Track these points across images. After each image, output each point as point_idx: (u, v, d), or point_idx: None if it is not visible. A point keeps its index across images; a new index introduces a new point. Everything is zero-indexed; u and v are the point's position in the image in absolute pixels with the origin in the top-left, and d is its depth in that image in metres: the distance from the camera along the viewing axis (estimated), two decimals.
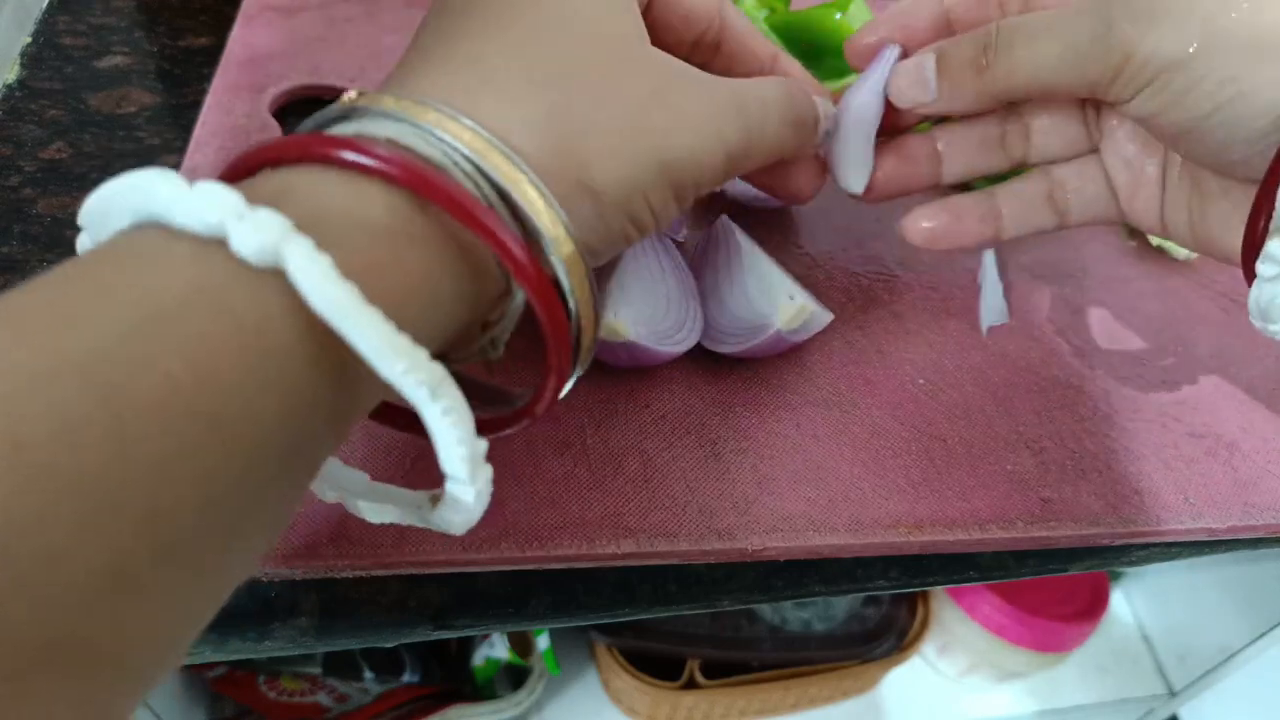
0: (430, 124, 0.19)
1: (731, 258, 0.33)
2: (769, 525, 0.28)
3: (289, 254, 0.16)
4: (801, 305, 0.31)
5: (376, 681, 0.68)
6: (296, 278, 0.16)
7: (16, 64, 0.39)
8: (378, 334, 0.16)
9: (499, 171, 0.19)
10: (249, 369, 0.15)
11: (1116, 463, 0.33)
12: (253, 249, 0.16)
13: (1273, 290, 0.25)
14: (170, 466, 0.14)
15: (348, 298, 0.16)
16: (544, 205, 0.20)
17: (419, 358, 0.17)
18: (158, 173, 0.16)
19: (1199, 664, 0.82)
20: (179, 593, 0.16)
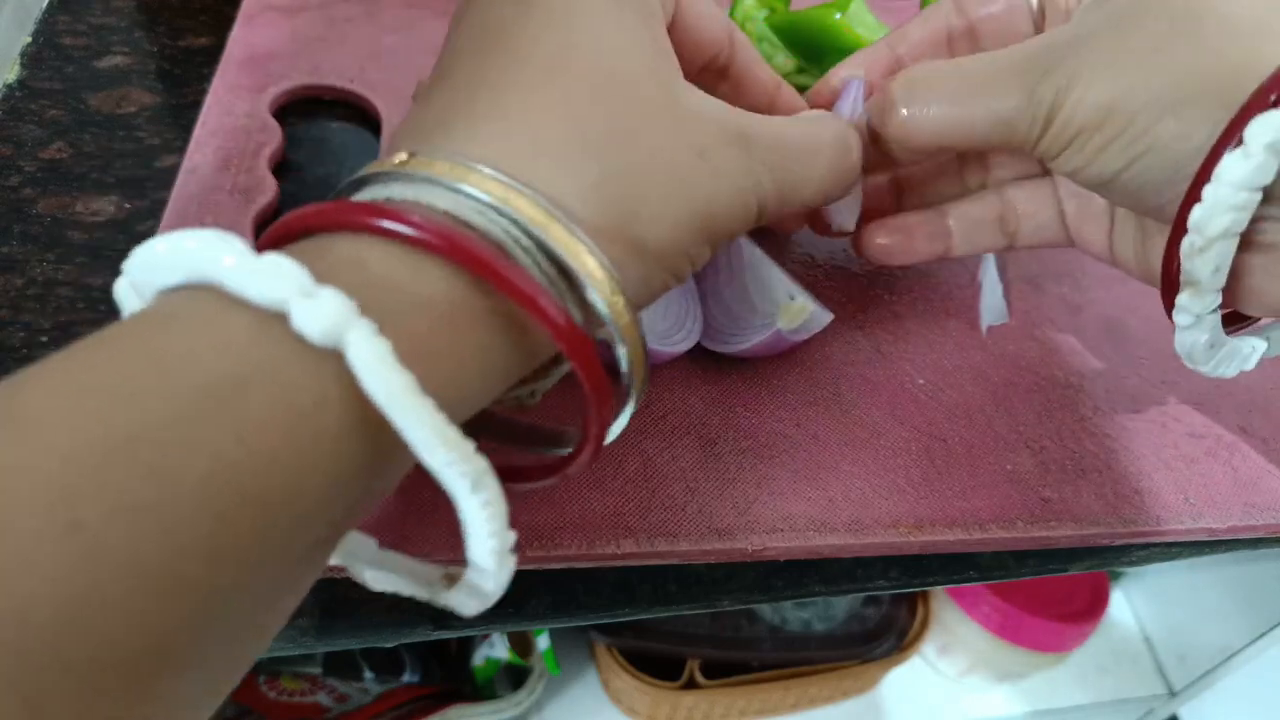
0: (489, 195, 0.19)
1: (731, 258, 0.33)
2: (769, 525, 0.28)
3: (351, 339, 0.16)
4: (802, 305, 0.31)
5: (376, 681, 0.68)
6: (355, 364, 0.16)
7: (16, 64, 0.39)
8: (429, 427, 0.16)
9: (558, 243, 0.19)
10: (299, 450, 0.16)
11: (1116, 463, 0.33)
12: (316, 331, 0.15)
13: (1192, 337, 0.26)
14: (216, 548, 0.14)
15: (404, 387, 0.16)
16: (604, 275, 0.20)
17: (466, 450, 0.17)
18: (220, 237, 0.16)
19: (1199, 664, 0.82)
20: (215, 663, 0.16)
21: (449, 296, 0.18)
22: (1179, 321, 0.26)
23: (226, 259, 0.16)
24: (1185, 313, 0.25)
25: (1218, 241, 0.23)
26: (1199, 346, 0.26)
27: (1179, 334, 0.26)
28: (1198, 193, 0.23)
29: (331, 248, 0.18)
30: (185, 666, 0.15)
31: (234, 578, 0.15)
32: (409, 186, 0.19)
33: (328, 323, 0.15)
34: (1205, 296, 0.25)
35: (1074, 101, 0.24)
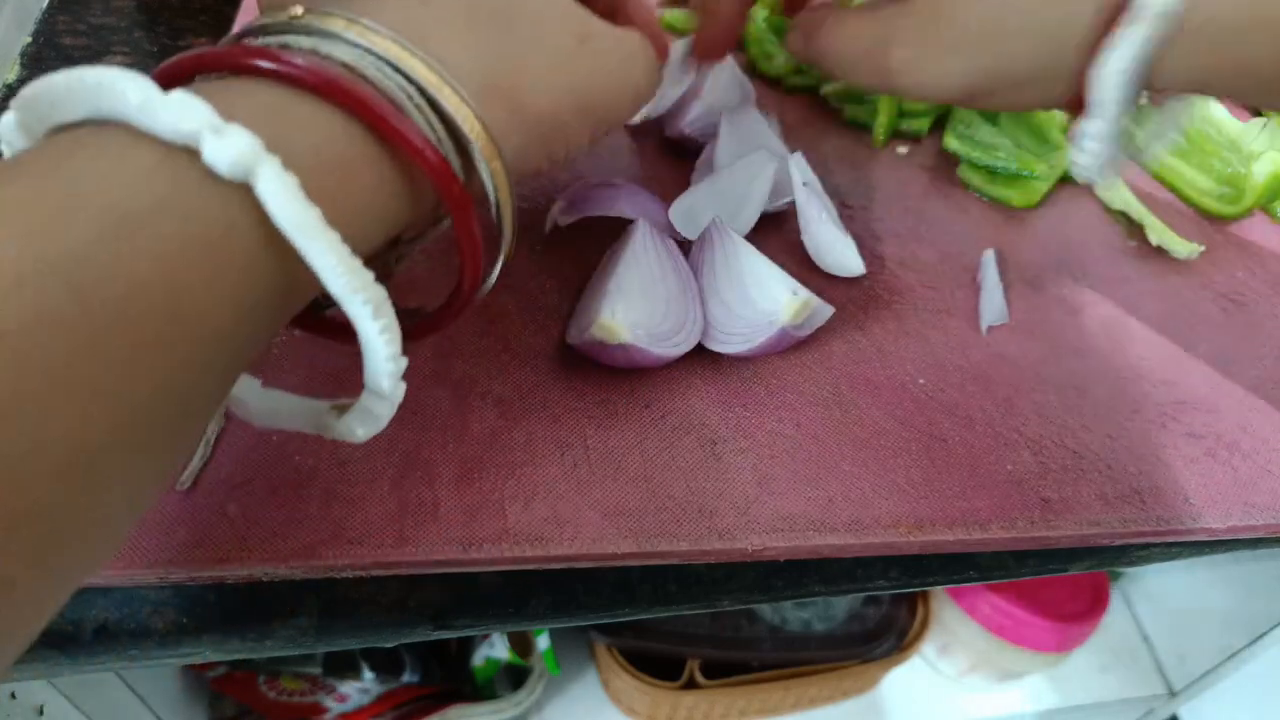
0: (386, 52, 0.20)
1: (729, 259, 0.33)
2: (769, 525, 0.28)
3: (260, 173, 0.17)
4: (805, 299, 0.31)
5: (376, 681, 0.68)
6: (265, 197, 0.17)
7: (16, 64, 0.39)
8: (336, 256, 0.18)
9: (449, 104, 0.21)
10: (211, 274, 0.17)
11: (1116, 463, 0.33)
12: (226, 164, 0.16)
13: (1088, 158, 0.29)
14: (131, 360, 0.16)
15: (311, 219, 0.17)
16: (487, 138, 0.22)
17: (366, 278, 0.18)
18: (124, 74, 0.17)
19: (1199, 664, 0.82)
20: (134, 472, 0.17)
21: (344, 141, 0.19)
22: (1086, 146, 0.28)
23: (133, 95, 0.16)
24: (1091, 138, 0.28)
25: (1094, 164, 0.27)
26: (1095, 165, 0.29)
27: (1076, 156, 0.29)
28: None
29: (233, 89, 0.19)
30: (108, 467, 0.16)
31: (151, 389, 0.16)
32: (306, 38, 0.20)
33: (237, 156, 0.16)
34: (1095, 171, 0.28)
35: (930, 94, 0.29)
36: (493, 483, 0.28)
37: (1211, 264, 0.41)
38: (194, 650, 0.26)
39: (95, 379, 0.15)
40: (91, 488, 0.16)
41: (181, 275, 0.16)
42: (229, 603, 0.26)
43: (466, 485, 0.28)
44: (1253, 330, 0.39)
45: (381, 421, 0.22)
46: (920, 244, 0.39)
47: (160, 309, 0.16)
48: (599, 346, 0.30)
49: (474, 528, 0.27)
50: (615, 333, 0.29)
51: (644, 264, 0.32)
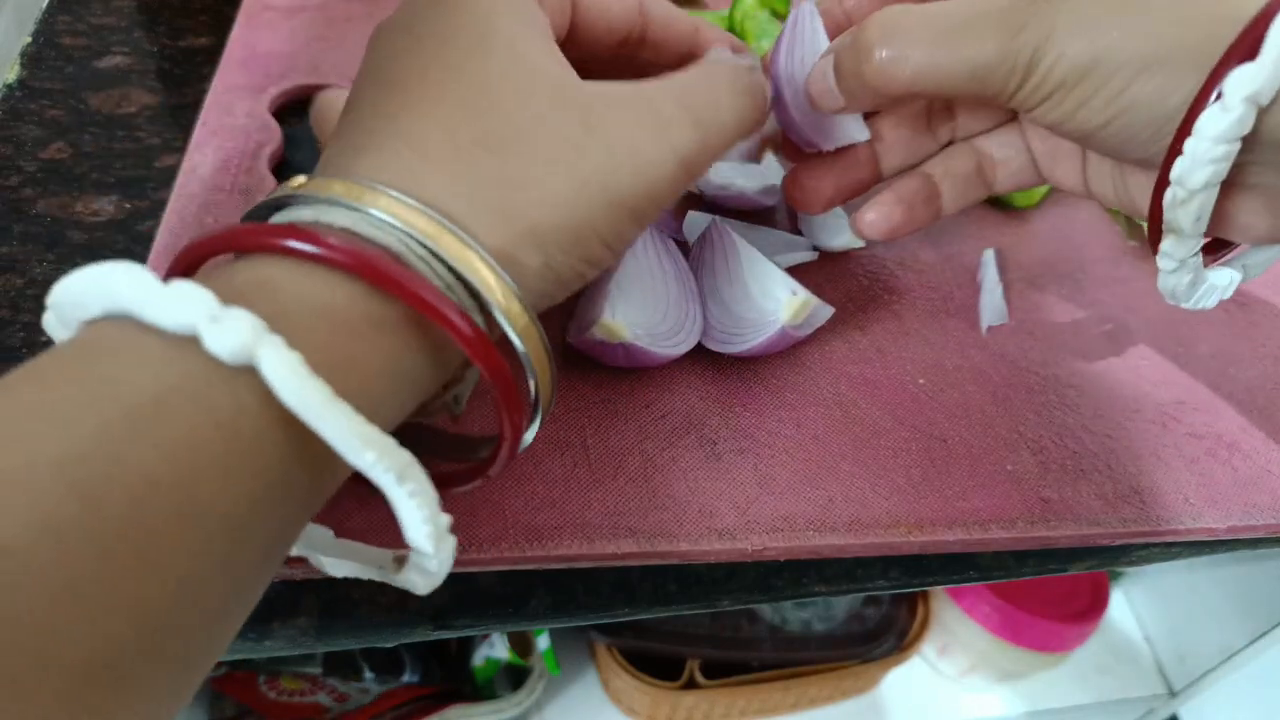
0: (382, 211, 0.20)
1: (729, 259, 0.33)
2: (769, 525, 0.28)
3: (262, 355, 0.16)
4: (805, 299, 0.31)
5: (376, 681, 0.68)
6: (269, 378, 0.16)
7: (16, 64, 0.39)
8: (348, 427, 0.17)
9: (450, 252, 0.20)
10: (225, 463, 0.16)
11: (1116, 463, 0.33)
12: (227, 351, 0.16)
13: (1175, 279, 0.27)
14: (149, 561, 0.15)
15: (318, 395, 0.16)
16: (496, 281, 0.20)
17: (387, 446, 0.17)
18: (125, 270, 0.17)
19: (1199, 664, 0.82)
20: (161, 682, 0.16)
21: (352, 308, 0.19)
22: (1163, 266, 0.27)
23: (133, 291, 0.16)
24: (1169, 258, 0.26)
25: (1199, 194, 0.24)
26: (1181, 287, 0.27)
27: (1162, 276, 0.27)
28: (1179, 146, 0.23)
29: (238, 270, 0.19)
30: (134, 681, 0.15)
31: (172, 591, 0.15)
32: (308, 208, 0.20)
33: (237, 342, 0.16)
34: (1187, 243, 0.26)
35: (1053, 57, 0.24)
36: (493, 483, 0.28)
37: None
38: None
39: (107, 588, 0.14)
40: (112, 703, 0.15)
41: (191, 467, 0.16)
42: None
43: None
44: (1253, 330, 0.39)
45: (437, 577, 0.21)
46: (920, 244, 0.39)
47: (172, 504, 0.15)
48: (600, 346, 0.30)
49: (474, 528, 0.27)
50: (616, 332, 0.29)
51: (644, 264, 0.32)
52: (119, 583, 0.14)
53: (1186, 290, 0.28)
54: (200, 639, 0.17)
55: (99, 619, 0.14)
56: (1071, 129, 0.26)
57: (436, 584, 0.21)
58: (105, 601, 0.14)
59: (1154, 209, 0.26)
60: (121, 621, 0.14)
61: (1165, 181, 0.24)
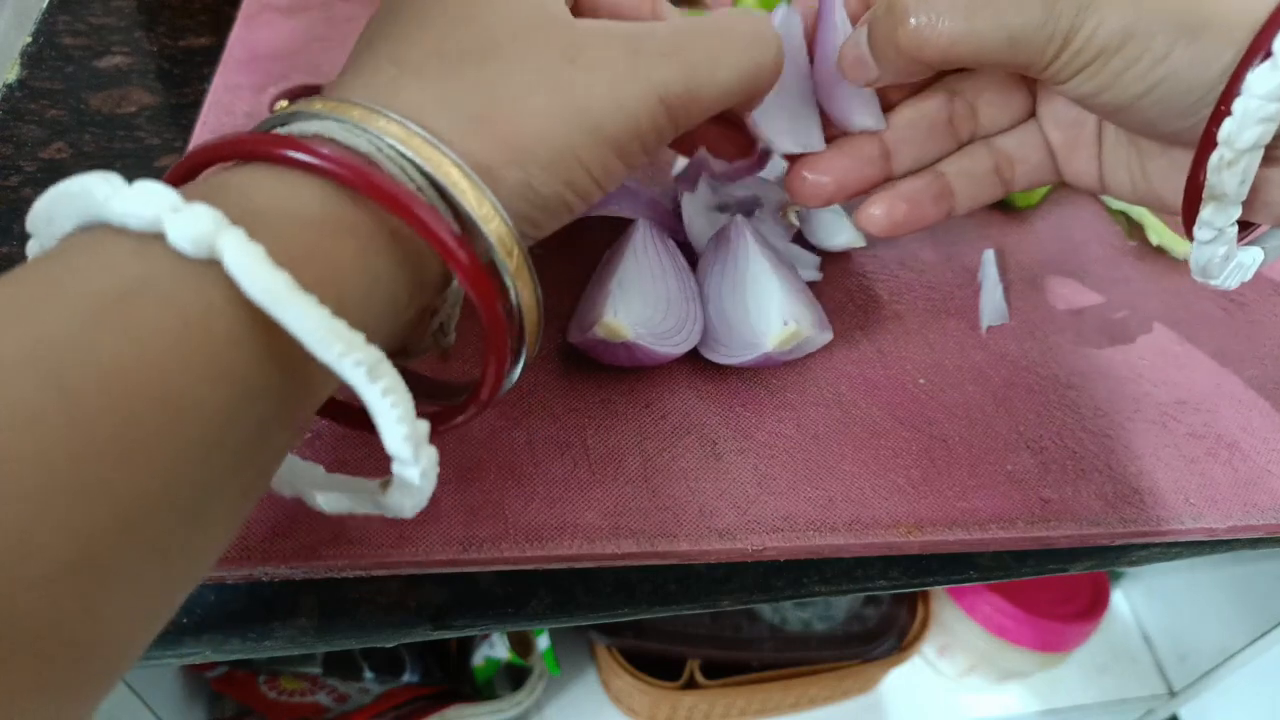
0: (355, 119, 0.20)
1: (739, 265, 0.32)
2: (769, 525, 0.28)
3: (223, 245, 0.16)
4: (794, 330, 0.30)
5: (376, 681, 0.68)
6: (231, 267, 0.16)
7: (16, 64, 0.39)
8: (312, 318, 0.17)
9: (420, 155, 0.20)
10: (195, 356, 0.16)
11: (1116, 463, 0.33)
12: (188, 241, 0.16)
13: (1211, 251, 0.27)
14: (126, 448, 0.15)
15: (281, 284, 0.16)
16: (468, 184, 0.20)
17: (354, 340, 0.17)
18: (96, 175, 0.17)
19: (1199, 664, 0.82)
20: (144, 578, 0.16)
21: (320, 208, 0.19)
22: (1200, 237, 0.26)
23: (98, 191, 0.17)
24: (1208, 228, 0.26)
25: (1246, 154, 0.24)
26: (1216, 260, 0.27)
27: (1197, 249, 0.27)
28: (1227, 107, 0.23)
29: (204, 179, 0.19)
30: (113, 571, 0.15)
31: (150, 480, 0.15)
32: (285, 126, 0.21)
33: (198, 231, 0.16)
34: (1229, 209, 0.25)
35: (1095, 23, 0.24)
36: (493, 483, 0.28)
37: None
38: (194, 650, 0.26)
39: (85, 475, 0.14)
40: (95, 595, 0.15)
41: (163, 357, 0.16)
42: (229, 603, 0.26)
43: (466, 485, 0.28)
44: (1253, 330, 0.39)
45: (422, 491, 0.20)
46: (920, 244, 0.39)
47: (145, 392, 0.15)
48: (601, 345, 0.30)
49: (474, 528, 0.27)
50: (618, 331, 0.29)
51: (645, 263, 0.32)
52: (97, 470, 0.14)
53: (1220, 264, 0.27)
54: (180, 535, 0.16)
55: (78, 506, 0.14)
56: (1107, 100, 0.25)
57: (421, 503, 0.21)
58: (84, 488, 0.14)
59: (1193, 176, 0.25)
60: (101, 509, 0.14)
61: (1208, 147, 0.24)
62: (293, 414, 0.19)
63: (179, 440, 0.16)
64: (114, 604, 0.15)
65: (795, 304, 0.31)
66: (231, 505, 0.18)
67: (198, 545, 0.18)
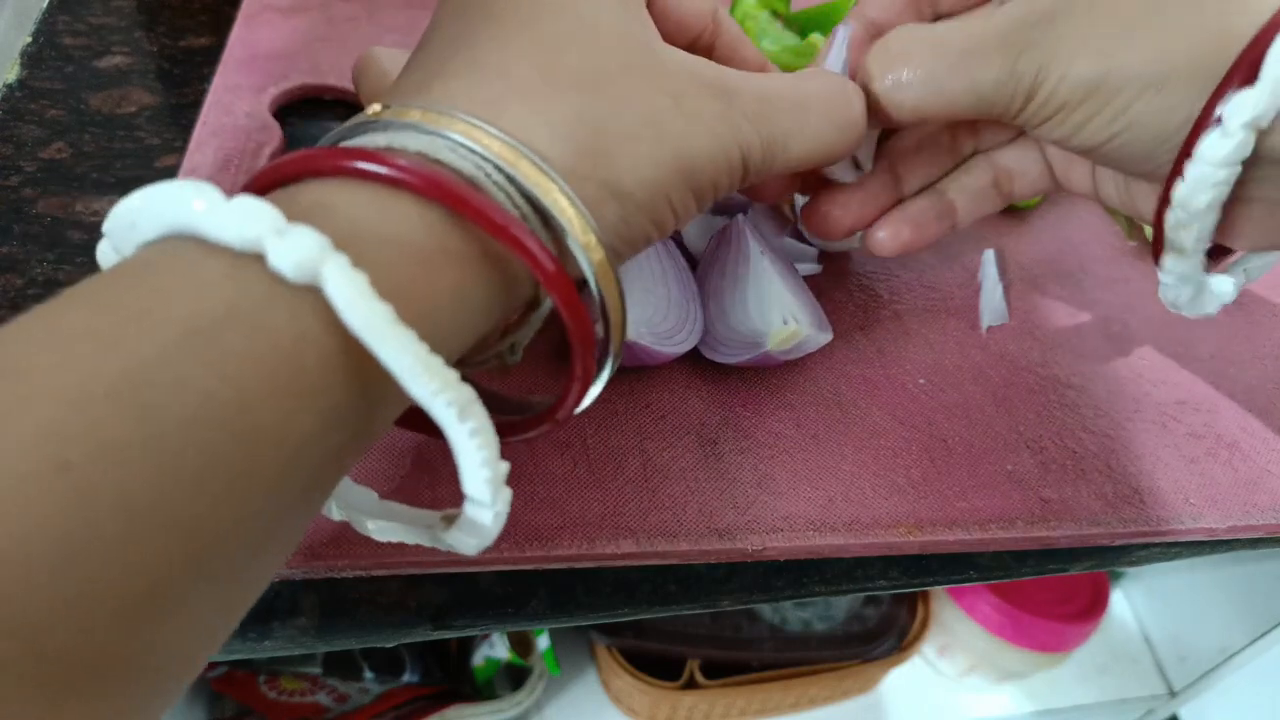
0: (460, 135, 0.19)
1: (739, 263, 0.32)
2: (769, 525, 0.28)
3: (326, 273, 0.16)
4: (794, 330, 0.30)
5: (376, 681, 0.68)
6: (333, 296, 0.16)
7: (16, 64, 0.39)
8: (411, 355, 0.16)
9: (529, 179, 0.19)
10: (283, 386, 0.16)
11: (1116, 463, 0.33)
12: (290, 266, 0.16)
13: (1175, 293, 0.28)
14: (206, 482, 0.15)
15: (383, 318, 0.16)
16: (575, 212, 0.20)
17: (450, 379, 0.17)
18: (192, 185, 0.16)
19: (1199, 664, 0.82)
20: (209, 607, 0.16)
21: (421, 233, 0.18)
22: (1164, 280, 0.27)
23: (198, 204, 0.16)
24: (1170, 274, 0.27)
25: (1201, 214, 0.24)
26: (1183, 299, 0.28)
27: (1163, 289, 0.28)
28: (1180, 169, 0.24)
29: (302, 193, 0.18)
30: (178, 606, 0.15)
31: (224, 515, 0.15)
32: (383, 134, 0.20)
33: (302, 257, 0.16)
34: (1189, 260, 0.26)
35: (1056, 79, 0.24)
36: None
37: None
38: None
39: (166, 508, 0.14)
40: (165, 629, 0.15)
41: (251, 389, 0.15)
42: None
43: None
44: (1253, 330, 0.39)
45: (489, 532, 0.20)
46: None
47: (231, 426, 0.15)
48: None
49: None
50: None
51: (645, 264, 0.32)
52: (174, 506, 0.14)
53: (1189, 302, 0.28)
54: (242, 564, 0.16)
55: (151, 536, 0.14)
56: (1075, 145, 0.26)
57: (488, 543, 0.20)
58: (157, 519, 0.14)
59: (1156, 225, 0.26)
60: (174, 545, 0.14)
61: (1166, 203, 0.25)
62: (366, 439, 0.19)
63: (257, 474, 0.15)
64: (178, 636, 0.15)
65: (796, 303, 0.31)
66: (294, 530, 0.18)
67: (258, 572, 0.17)
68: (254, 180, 0.19)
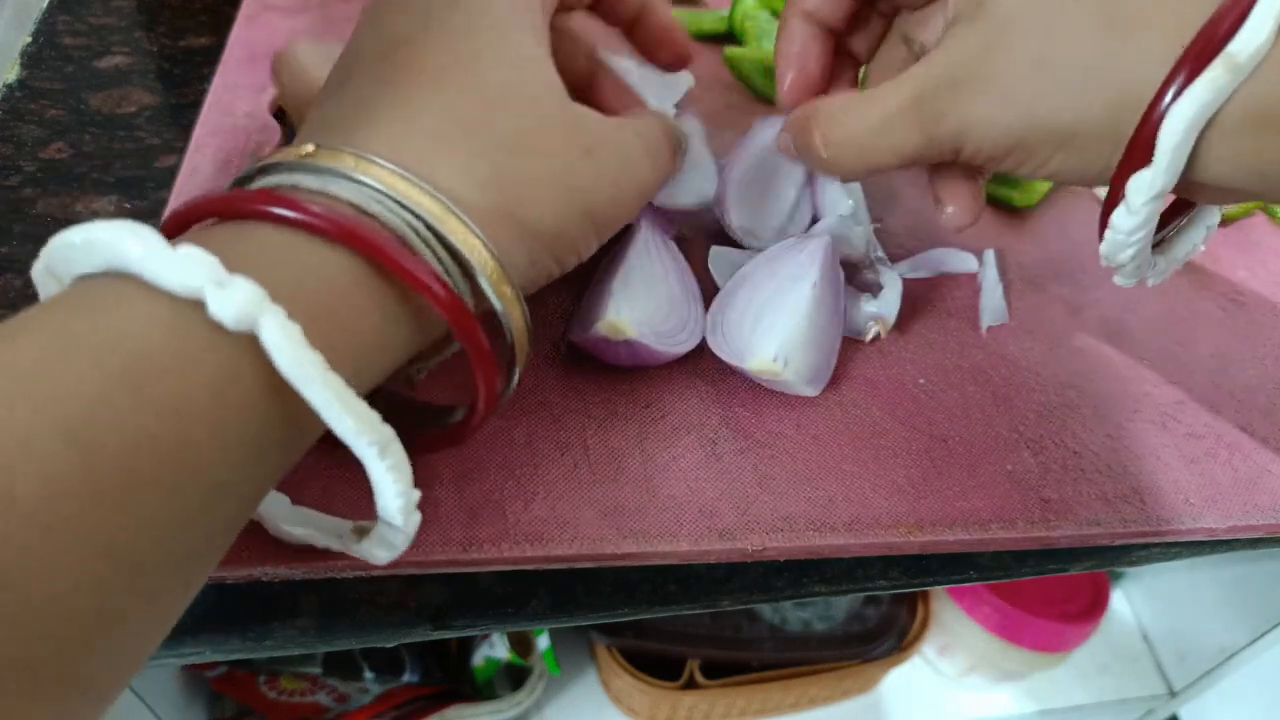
0: (394, 190, 0.21)
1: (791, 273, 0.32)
2: (769, 525, 0.28)
3: (264, 324, 0.17)
4: (777, 370, 0.30)
5: (376, 681, 0.68)
6: (269, 346, 0.17)
7: (16, 64, 0.39)
8: (339, 401, 0.18)
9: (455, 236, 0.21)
10: (218, 423, 0.17)
11: (1116, 463, 0.33)
12: (230, 316, 0.17)
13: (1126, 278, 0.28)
14: (135, 512, 0.16)
15: (314, 365, 0.18)
16: (494, 265, 0.22)
17: (373, 420, 0.19)
18: (131, 227, 0.17)
19: (1199, 664, 0.82)
20: (147, 620, 0.18)
21: (349, 280, 0.20)
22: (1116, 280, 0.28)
23: (134, 250, 0.17)
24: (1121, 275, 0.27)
25: (1131, 259, 0.26)
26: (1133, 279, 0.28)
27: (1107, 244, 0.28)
28: (1106, 221, 0.25)
29: (240, 236, 0.20)
30: (120, 619, 0.16)
31: (164, 540, 0.17)
32: (316, 177, 0.21)
33: (241, 310, 0.17)
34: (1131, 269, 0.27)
35: (974, 144, 0.26)
36: (493, 483, 0.28)
37: (1211, 264, 0.41)
38: (194, 650, 0.26)
39: (103, 536, 0.15)
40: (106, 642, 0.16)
41: (188, 427, 0.17)
42: (229, 603, 0.26)
43: (466, 485, 0.28)
44: (1253, 330, 0.39)
45: (398, 549, 0.22)
46: (920, 244, 0.39)
47: (167, 461, 0.16)
48: (603, 344, 0.30)
49: (474, 528, 0.27)
50: (621, 329, 0.29)
51: (647, 263, 0.32)
52: (113, 531, 0.16)
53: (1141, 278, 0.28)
54: (172, 580, 0.18)
55: (96, 563, 0.15)
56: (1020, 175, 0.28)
57: (396, 555, 0.23)
58: (101, 548, 0.16)
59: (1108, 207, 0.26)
60: (114, 565, 0.16)
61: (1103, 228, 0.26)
62: (285, 465, 0.20)
63: (186, 500, 0.17)
64: (118, 647, 0.17)
65: (801, 348, 0.30)
66: (220, 547, 0.20)
67: (185, 587, 0.19)
68: (180, 212, 0.20)
